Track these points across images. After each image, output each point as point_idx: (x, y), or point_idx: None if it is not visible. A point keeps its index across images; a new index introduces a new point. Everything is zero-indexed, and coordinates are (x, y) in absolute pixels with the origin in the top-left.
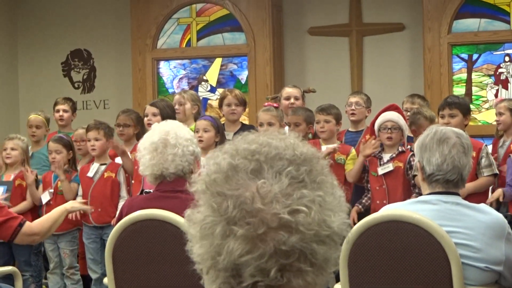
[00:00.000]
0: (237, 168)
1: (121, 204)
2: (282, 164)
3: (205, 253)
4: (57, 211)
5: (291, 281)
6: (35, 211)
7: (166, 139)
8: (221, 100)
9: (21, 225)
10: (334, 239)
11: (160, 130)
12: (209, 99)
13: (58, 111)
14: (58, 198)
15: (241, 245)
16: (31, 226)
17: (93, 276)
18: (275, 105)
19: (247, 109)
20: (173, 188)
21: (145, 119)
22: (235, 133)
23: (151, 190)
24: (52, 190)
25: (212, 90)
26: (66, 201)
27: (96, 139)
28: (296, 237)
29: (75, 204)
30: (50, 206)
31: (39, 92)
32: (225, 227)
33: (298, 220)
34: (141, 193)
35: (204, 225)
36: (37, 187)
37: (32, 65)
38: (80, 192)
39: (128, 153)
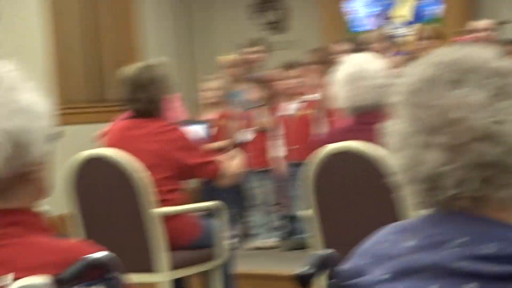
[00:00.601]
0: (439, 78)
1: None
2: (485, 75)
3: (404, 164)
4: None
5: (492, 194)
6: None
7: (359, 71)
8: (415, 35)
9: (222, 168)
10: None
11: (353, 63)
12: (402, 35)
13: (251, 52)
14: (259, 135)
15: (442, 155)
16: (228, 168)
17: (296, 212)
18: (467, 38)
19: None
20: (367, 120)
21: (336, 56)
22: None
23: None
24: (252, 128)
25: (404, 26)
26: (266, 138)
27: (294, 77)
28: (500, 149)
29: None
30: (251, 144)
31: (232, 33)
32: (425, 137)
33: (502, 131)
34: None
35: (404, 136)
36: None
37: (225, 7)
38: (279, 132)
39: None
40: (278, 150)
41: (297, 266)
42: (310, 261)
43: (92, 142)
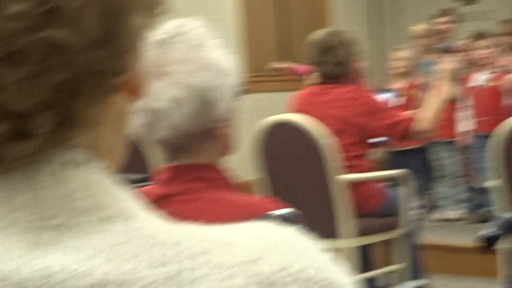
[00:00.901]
0: None
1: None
2: None
3: None
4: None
5: None
6: None
7: None
8: None
9: (412, 126)
10: None
11: None
12: None
13: (442, 22)
14: (448, 106)
15: None
16: (420, 123)
17: (482, 184)
18: None
19: None
20: None
21: None
22: None
23: None
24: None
25: None
26: (455, 109)
27: (484, 48)
28: None
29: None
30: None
31: (423, 3)
32: None
33: None
34: None
35: None
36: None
37: None
38: (469, 102)
39: None
40: (467, 121)
41: None
42: (498, 224)
43: (281, 110)
